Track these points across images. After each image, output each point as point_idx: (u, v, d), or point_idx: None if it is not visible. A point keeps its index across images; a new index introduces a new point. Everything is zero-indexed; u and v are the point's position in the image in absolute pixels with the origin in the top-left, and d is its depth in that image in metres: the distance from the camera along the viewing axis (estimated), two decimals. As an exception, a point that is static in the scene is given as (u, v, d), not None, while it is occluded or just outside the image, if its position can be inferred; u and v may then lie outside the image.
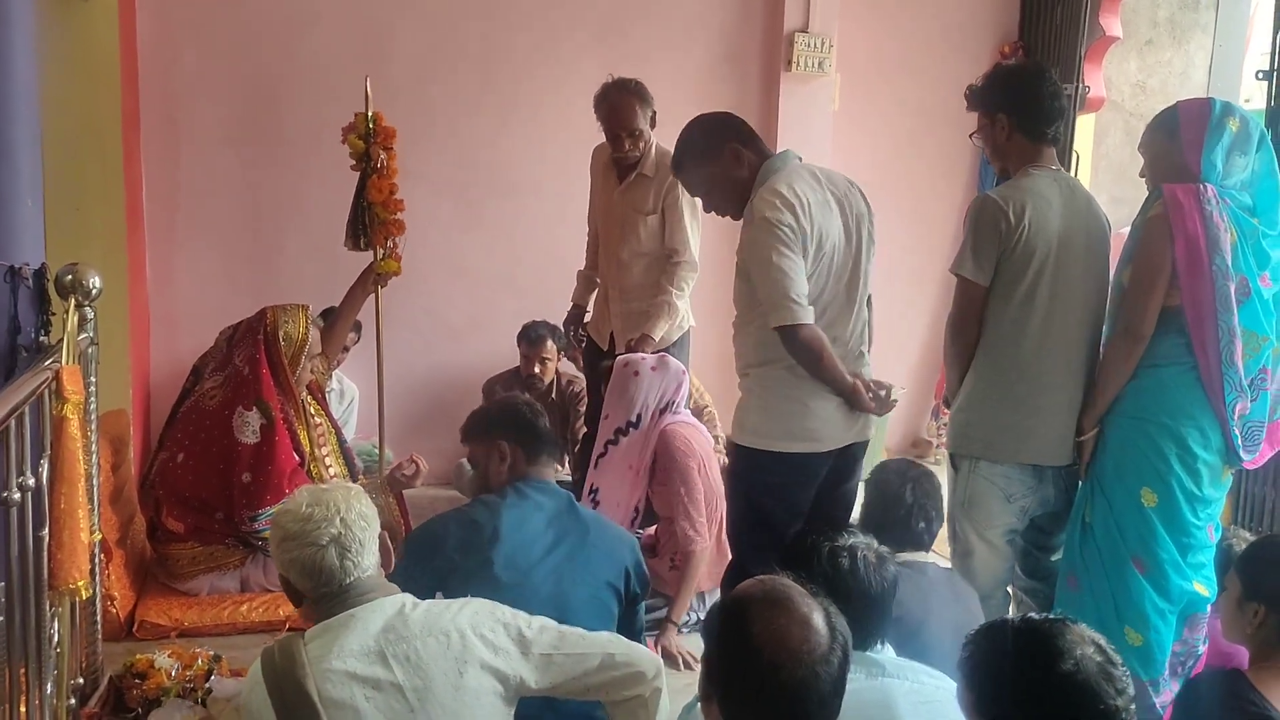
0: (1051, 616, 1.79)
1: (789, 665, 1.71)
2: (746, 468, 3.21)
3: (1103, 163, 6.79)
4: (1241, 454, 3.04)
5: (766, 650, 1.72)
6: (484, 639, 2.19)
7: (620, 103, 4.25)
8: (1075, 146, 6.06)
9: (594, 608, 2.76)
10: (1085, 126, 6.35)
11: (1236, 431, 3.02)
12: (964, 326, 3.22)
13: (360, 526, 2.20)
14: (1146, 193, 3.17)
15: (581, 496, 4.23)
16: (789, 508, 3.17)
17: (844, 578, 2.22)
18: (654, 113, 4.31)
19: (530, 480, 2.93)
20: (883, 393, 3.19)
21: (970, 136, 3.37)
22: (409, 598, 2.23)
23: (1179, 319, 3.03)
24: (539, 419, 3.03)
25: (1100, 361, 3.18)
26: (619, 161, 4.40)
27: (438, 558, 2.77)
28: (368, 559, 2.22)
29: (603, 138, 4.41)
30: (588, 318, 4.81)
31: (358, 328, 5.12)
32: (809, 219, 3.01)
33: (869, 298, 3.30)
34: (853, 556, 2.27)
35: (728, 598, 1.88)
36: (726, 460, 3.54)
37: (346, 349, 5.23)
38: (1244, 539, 3.14)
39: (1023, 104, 3.19)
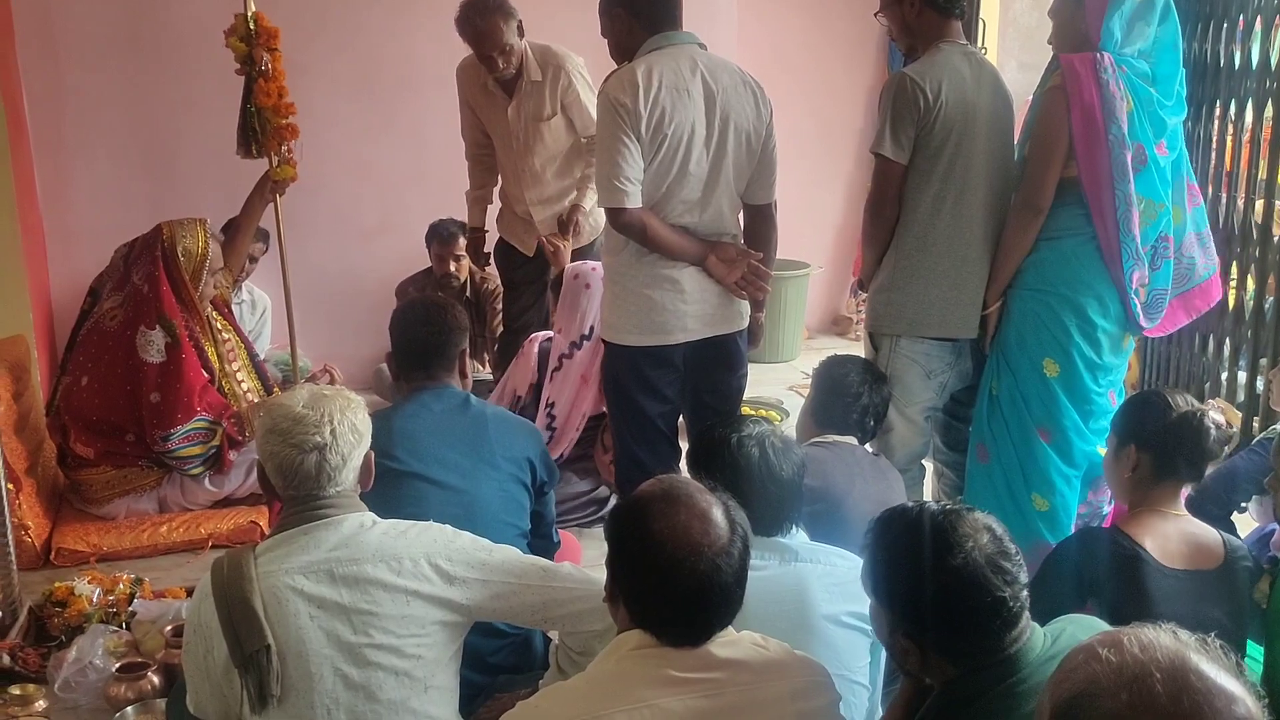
0: (948, 507, 1.80)
1: (690, 559, 1.73)
2: (609, 361, 3.37)
3: (1010, 29, 6.75)
4: (1142, 322, 3.10)
5: (668, 545, 1.73)
6: (438, 568, 2.13)
7: (485, 26, 4.15)
8: (982, 14, 6.03)
9: (502, 500, 2.76)
10: (990, -5, 6.30)
11: (1136, 301, 3.07)
12: (883, 206, 3.22)
13: (348, 441, 2.13)
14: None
15: (499, 398, 4.23)
16: (657, 397, 3.28)
17: (753, 466, 2.23)
18: (519, 22, 4.21)
19: (425, 387, 2.90)
20: (752, 261, 3.21)
21: (875, 16, 3.32)
22: (369, 517, 2.17)
23: (1077, 189, 3.06)
24: (423, 330, 2.96)
25: (1002, 235, 3.20)
26: (500, 79, 4.31)
27: None
28: (346, 475, 2.15)
29: (468, 52, 4.32)
30: (500, 231, 4.76)
31: (265, 237, 4.99)
32: (651, 103, 3.02)
33: (769, 206, 3.32)
34: (761, 444, 2.28)
35: (627, 499, 1.89)
36: None
37: (254, 259, 5.11)
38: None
39: None
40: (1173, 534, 2.46)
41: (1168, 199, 3.08)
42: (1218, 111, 4.56)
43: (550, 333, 4.24)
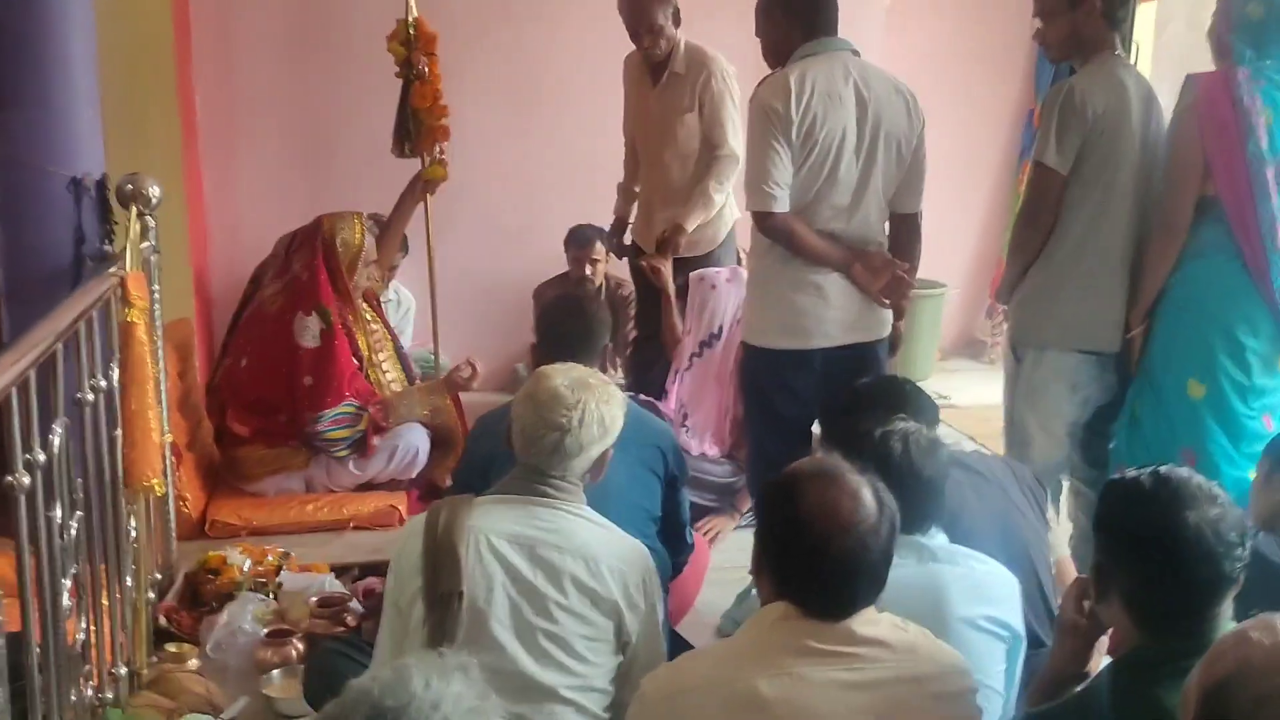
0: (1185, 472, 1.81)
1: (839, 536, 1.77)
2: (748, 362, 3.41)
3: (1164, 52, 6.59)
4: None
5: (817, 522, 1.78)
6: (625, 589, 2.20)
7: (637, 1, 4.24)
8: (1136, 36, 5.90)
9: (632, 482, 2.79)
10: (1146, 15, 6.17)
11: None
12: (1041, 214, 3.19)
13: (591, 433, 2.20)
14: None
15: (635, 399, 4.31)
16: (794, 400, 3.28)
17: (895, 461, 2.23)
18: (677, 9, 4.29)
19: None
20: (897, 270, 3.21)
21: (1033, 17, 3.27)
22: (587, 510, 2.25)
23: (1218, 207, 3.00)
24: (567, 321, 3.05)
25: (1144, 256, 3.15)
26: (651, 64, 4.39)
27: (485, 444, 2.84)
28: (580, 463, 2.23)
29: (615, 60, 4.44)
30: (631, 230, 4.84)
31: (404, 245, 5.15)
32: (803, 109, 3.05)
33: (916, 215, 3.33)
34: (904, 440, 2.28)
35: (779, 475, 1.93)
36: None
37: (395, 266, 5.27)
38: None
39: None
40: None
41: None
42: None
43: None
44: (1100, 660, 1.92)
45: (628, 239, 4.91)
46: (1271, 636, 1.17)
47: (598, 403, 2.22)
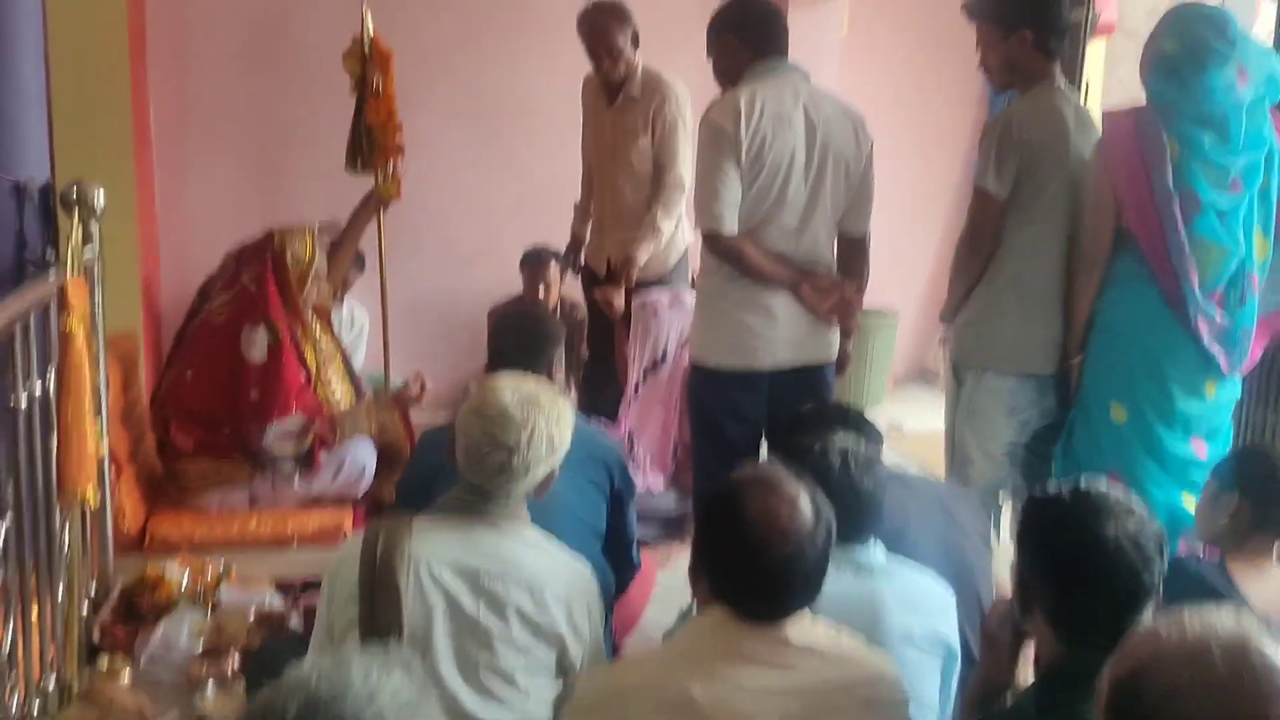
0: (1102, 485, 1.84)
1: (776, 541, 1.80)
2: (695, 382, 3.43)
3: (1115, 90, 6.71)
4: (1224, 367, 3.07)
5: (755, 526, 1.81)
6: (571, 617, 2.17)
7: (597, 23, 4.29)
8: (1086, 74, 6.00)
9: (578, 497, 2.79)
10: (1096, 54, 6.27)
11: (1213, 348, 3.05)
12: (980, 240, 3.23)
13: (538, 452, 2.14)
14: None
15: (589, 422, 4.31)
16: (740, 420, 3.31)
17: (834, 476, 2.24)
18: (635, 33, 4.33)
19: None
20: (845, 292, 3.25)
21: (976, 46, 3.31)
22: (530, 533, 2.21)
23: (1133, 239, 3.07)
24: (514, 334, 3.05)
25: (1069, 286, 3.22)
26: (608, 86, 4.42)
27: (430, 457, 2.82)
28: (525, 483, 2.18)
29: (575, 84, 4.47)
30: (585, 250, 4.86)
31: (360, 263, 5.13)
32: (752, 130, 3.08)
33: (864, 237, 3.36)
34: (843, 456, 2.30)
35: (720, 482, 1.96)
36: None
37: (348, 283, 5.24)
38: None
39: (1048, 18, 3.18)
40: (1270, 581, 2.44)
41: (1233, 241, 3.04)
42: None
43: None
44: (1028, 672, 1.93)
45: (583, 260, 4.92)
46: (1179, 632, 1.19)
47: (546, 421, 2.17)
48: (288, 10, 5.30)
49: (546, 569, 2.18)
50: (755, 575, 1.82)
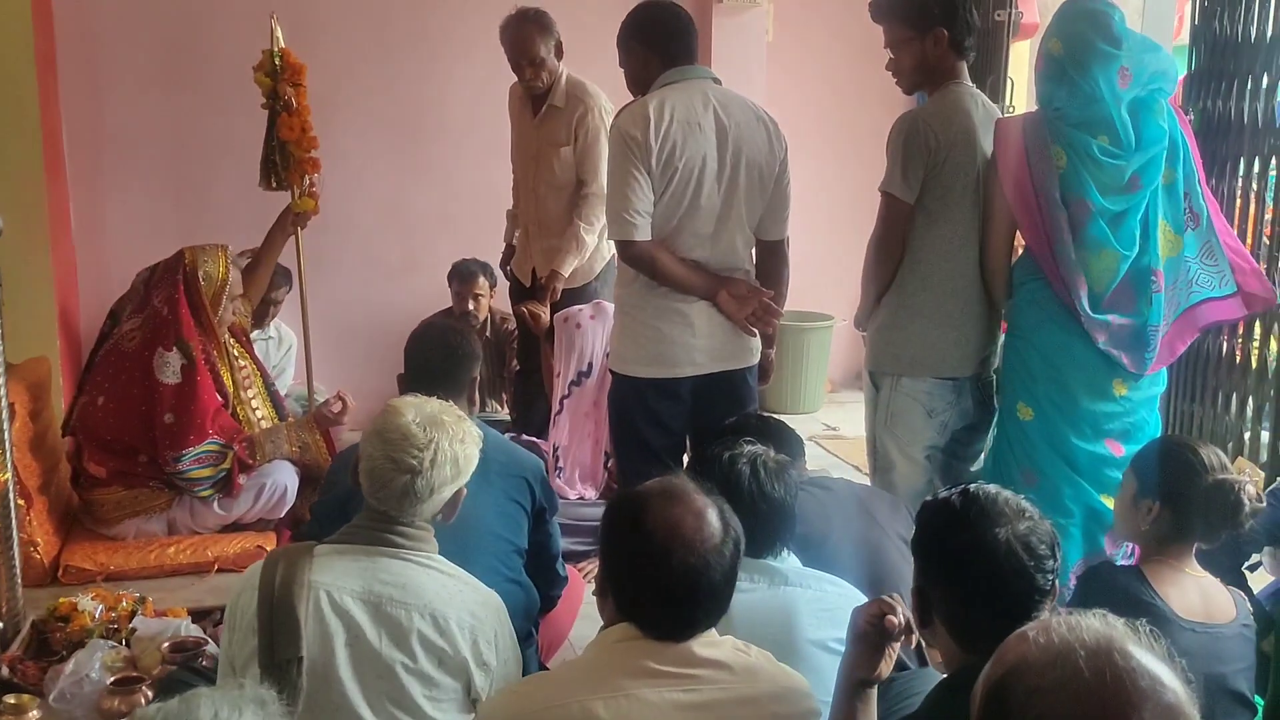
0: (992, 488, 1.83)
1: (681, 552, 1.76)
2: (616, 391, 3.38)
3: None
4: (1130, 367, 3.07)
5: (660, 538, 1.77)
6: (475, 646, 2.11)
7: (520, 32, 4.27)
8: (1010, 73, 6.04)
9: (498, 516, 2.75)
10: (1020, 53, 6.32)
11: (1111, 349, 3.05)
12: (890, 245, 3.21)
13: (443, 474, 2.11)
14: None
15: (518, 437, 4.26)
16: (662, 429, 3.28)
17: (744, 484, 2.22)
18: (558, 42, 4.32)
19: None
20: (763, 298, 3.22)
21: (885, 47, 3.30)
22: (437, 560, 2.16)
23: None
24: (431, 351, 2.99)
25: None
26: (532, 95, 4.39)
27: (345, 478, 2.75)
28: (430, 506, 2.14)
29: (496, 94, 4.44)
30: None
31: (289, 278, 5.05)
32: (661, 136, 3.06)
33: (782, 242, 3.35)
34: (752, 463, 2.27)
35: (625, 492, 1.93)
36: None
37: (278, 301, 5.16)
38: None
39: (960, 19, 3.16)
40: (1189, 587, 2.41)
41: (1132, 241, 3.04)
42: (1241, 169, 4.53)
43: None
44: (891, 665, 1.90)
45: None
46: (1046, 635, 1.18)
47: (450, 441, 2.13)
48: (201, 26, 5.22)
49: (452, 595, 2.13)
50: (659, 589, 1.77)
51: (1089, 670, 1.12)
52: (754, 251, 3.35)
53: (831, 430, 5.83)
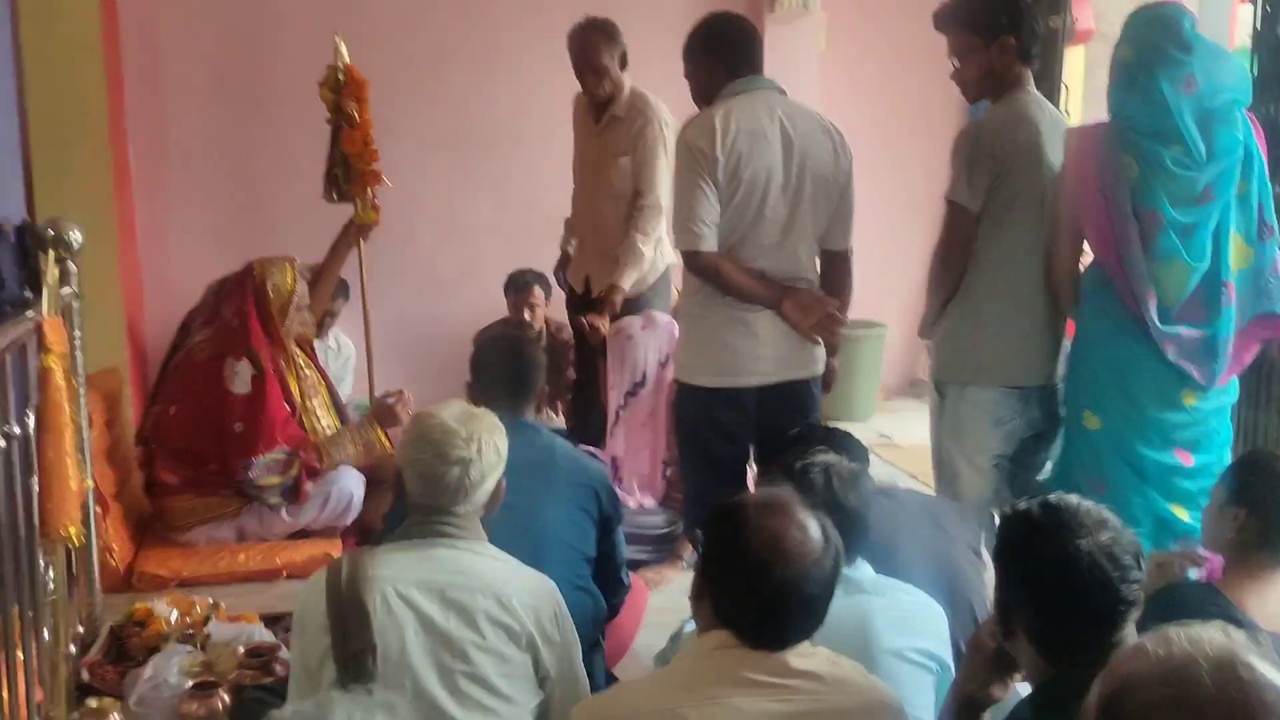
0: (1071, 497, 1.80)
1: (781, 563, 1.78)
2: (681, 401, 3.41)
3: (1094, 97, 6.72)
4: (1200, 380, 3.04)
5: (761, 548, 1.79)
6: (540, 625, 2.18)
7: (585, 40, 4.29)
8: (1065, 80, 6.01)
9: (567, 524, 2.80)
10: (1075, 60, 6.28)
11: (1181, 363, 3.03)
12: (954, 253, 3.21)
13: (489, 461, 2.21)
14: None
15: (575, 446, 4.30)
16: (726, 438, 3.29)
17: (817, 493, 2.23)
18: (624, 52, 4.33)
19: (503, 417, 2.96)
20: (828, 307, 3.24)
21: (949, 56, 3.29)
22: (489, 547, 2.24)
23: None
24: (504, 359, 3.04)
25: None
26: (594, 104, 4.42)
27: None
28: (480, 495, 2.22)
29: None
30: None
31: (345, 290, 5.12)
32: (728, 148, 3.08)
33: (845, 252, 3.36)
34: (825, 472, 2.29)
35: (728, 501, 1.94)
36: None
37: (333, 314, 5.22)
38: None
39: (1027, 26, 3.15)
40: (1271, 596, 2.39)
41: (1203, 253, 3.02)
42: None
43: None
44: (1006, 692, 1.90)
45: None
46: (1165, 647, 1.16)
47: (487, 432, 2.23)
48: (263, 42, 5.31)
49: (509, 576, 2.21)
50: (759, 600, 1.79)
51: (1212, 683, 1.10)
52: (817, 261, 3.36)
53: (885, 439, 5.82)
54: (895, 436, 5.82)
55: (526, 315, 5.27)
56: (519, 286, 5.27)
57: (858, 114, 6.14)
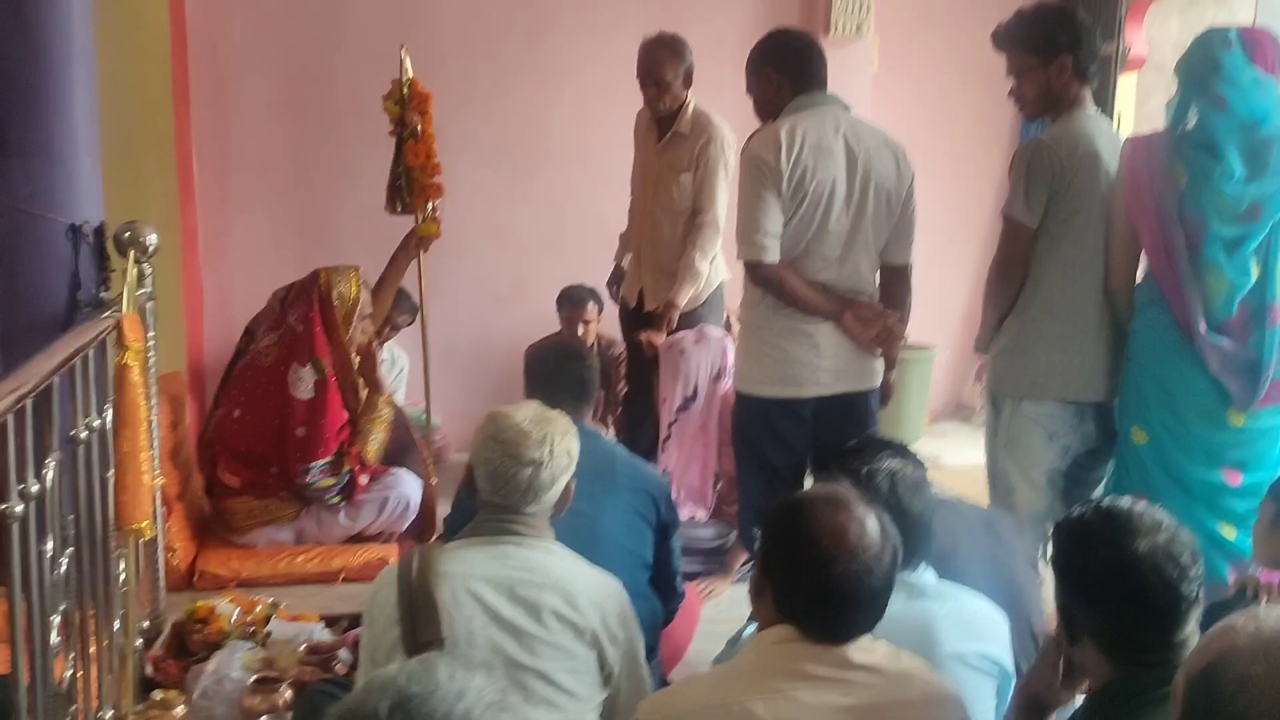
0: (1127, 500, 1.83)
1: (844, 558, 1.80)
2: (740, 410, 3.46)
3: (1146, 123, 6.72)
4: (1234, 395, 3.03)
5: (823, 543, 1.81)
6: (605, 623, 2.21)
7: (653, 54, 4.34)
8: (1118, 107, 6.02)
9: (626, 529, 2.83)
10: (1127, 86, 6.29)
11: (1221, 376, 3.02)
12: (1011, 268, 3.24)
13: (560, 464, 2.25)
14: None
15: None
16: (784, 448, 3.34)
17: (882, 498, 2.25)
18: (689, 70, 4.37)
19: None
20: (888, 321, 3.28)
21: (1007, 75, 3.31)
22: (557, 546, 2.28)
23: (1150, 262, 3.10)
24: (562, 365, 3.08)
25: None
26: (659, 119, 4.47)
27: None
28: (550, 496, 2.26)
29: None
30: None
31: (414, 310, 5.18)
32: (793, 161, 3.12)
33: (906, 267, 3.40)
34: (890, 478, 2.31)
35: (789, 497, 1.97)
36: None
37: (398, 327, 5.30)
38: None
39: (1085, 45, 3.19)
40: None
41: (1247, 271, 3.02)
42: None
43: None
44: (1071, 696, 1.92)
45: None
46: (1255, 623, 1.19)
47: (562, 435, 2.27)
48: (327, 55, 5.41)
49: (577, 575, 2.24)
50: (820, 593, 1.82)
51: None
52: (878, 276, 3.39)
53: (933, 461, 5.80)
54: (942, 458, 5.81)
55: (579, 331, 5.31)
56: (573, 302, 5.32)
57: (907, 136, 6.11)
